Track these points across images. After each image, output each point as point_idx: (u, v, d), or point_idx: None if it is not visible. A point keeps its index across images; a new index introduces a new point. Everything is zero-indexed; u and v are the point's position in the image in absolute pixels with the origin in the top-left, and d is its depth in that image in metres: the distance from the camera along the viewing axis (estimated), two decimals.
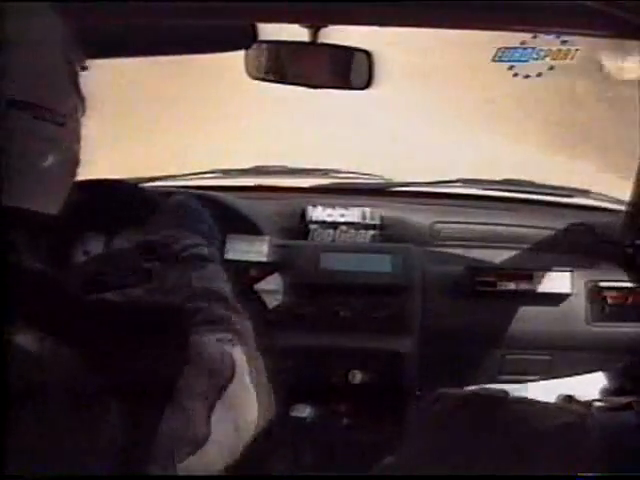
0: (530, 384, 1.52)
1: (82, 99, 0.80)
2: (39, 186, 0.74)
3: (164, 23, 1.35)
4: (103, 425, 0.65)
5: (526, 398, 0.65)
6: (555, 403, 0.66)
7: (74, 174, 0.80)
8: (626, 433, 0.58)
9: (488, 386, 0.74)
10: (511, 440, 0.60)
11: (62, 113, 0.74)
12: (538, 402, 0.65)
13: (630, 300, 1.71)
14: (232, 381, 0.78)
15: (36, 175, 0.73)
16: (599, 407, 0.63)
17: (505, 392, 0.68)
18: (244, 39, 1.40)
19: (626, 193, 1.37)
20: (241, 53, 1.47)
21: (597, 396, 0.66)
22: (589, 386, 0.72)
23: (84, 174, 0.84)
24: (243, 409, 0.80)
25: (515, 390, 0.69)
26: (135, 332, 0.70)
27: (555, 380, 1.23)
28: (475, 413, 0.64)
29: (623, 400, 0.62)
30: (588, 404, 0.64)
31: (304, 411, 1.66)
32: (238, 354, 0.82)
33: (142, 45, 1.49)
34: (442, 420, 0.66)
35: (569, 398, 0.69)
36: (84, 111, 0.80)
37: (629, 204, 1.05)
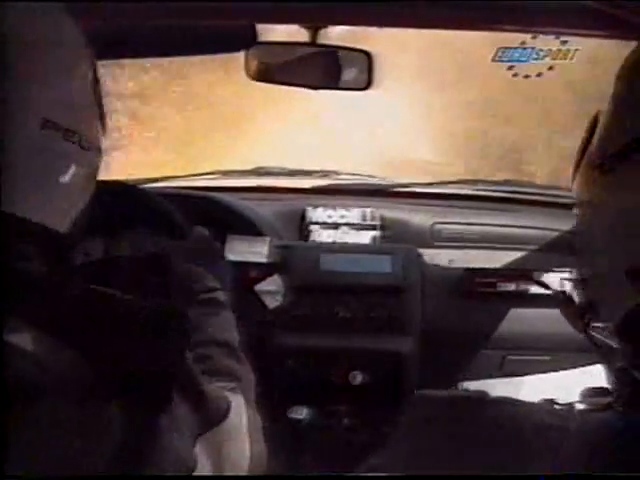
0: (514, 383, 1.52)
1: (104, 121, 0.81)
2: (52, 202, 0.74)
3: (164, 24, 1.35)
4: (103, 425, 0.65)
5: (506, 398, 0.65)
6: (536, 403, 0.66)
7: (87, 196, 0.81)
8: (607, 434, 0.58)
9: (467, 386, 0.74)
10: (490, 442, 0.60)
11: (88, 138, 0.76)
12: (518, 402, 0.64)
13: None
14: (220, 424, 0.78)
15: (52, 191, 0.74)
16: (580, 408, 0.63)
17: (484, 393, 0.68)
18: (244, 40, 1.40)
19: None
20: (241, 54, 1.48)
21: (578, 397, 0.65)
22: (572, 386, 0.72)
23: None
24: (228, 454, 0.81)
25: (502, 390, 0.68)
26: (135, 332, 0.70)
27: (540, 378, 1.22)
28: (454, 415, 0.64)
29: (604, 400, 0.62)
30: (569, 405, 0.64)
31: (303, 412, 1.66)
32: (237, 400, 0.84)
33: (142, 47, 1.49)
34: (421, 423, 0.66)
35: (550, 401, 0.69)
36: (104, 132, 0.82)
37: None
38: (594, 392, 0.64)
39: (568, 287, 0.73)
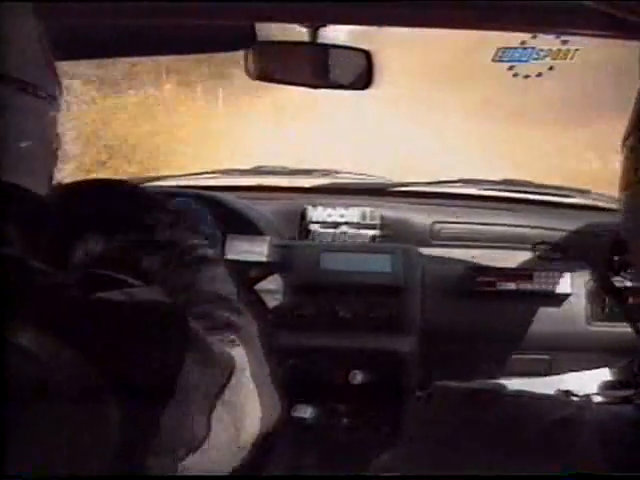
0: (529, 381, 1.51)
1: (59, 84, 0.81)
2: (24, 162, 0.74)
3: (164, 23, 1.35)
4: (103, 425, 0.65)
5: (524, 392, 0.65)
6: (553, 396, 0.66)
7: (56, 156, 0.81)
8: (624, 426, 0.58)
9: (485, 381, 0.74)
10: (508, 435, 0.60)
11: (45, 89, 0.76)
12: (536, 396, 0.64)
13: (630, 300, 1.70)
14: (230, 379, 0.78)
15: (21, 151, 0.74)
16: (597, 401, 0.62)
17: (502, 386, 0.68)
18: (244, 39, 1.40)
19: None
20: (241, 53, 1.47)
21: (595, 391, 0.65)
22: (588, 382, 0.72)
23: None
24: (244, 409, 0.80)
25: (513, 386, 0.68)
26: (135, 331, 0.70)
27: (555, 377, 1.22)
28: (471, 407, 0.64)
29: (622, 394, 0.62)
30: (586, 398, 0.64)
31: (304, 411, 1.66)
32: (239, 353, 0.82)
33: (142, 45, 1.49)
34: (438, 414, 0.66)
35: (567, 393, 0.69)
36: (57, 80, 0.81)
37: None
38: (611, 385, 0.64)
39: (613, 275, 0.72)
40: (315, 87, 1.49)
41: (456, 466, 0.60)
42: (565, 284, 1.73)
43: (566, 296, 1.74)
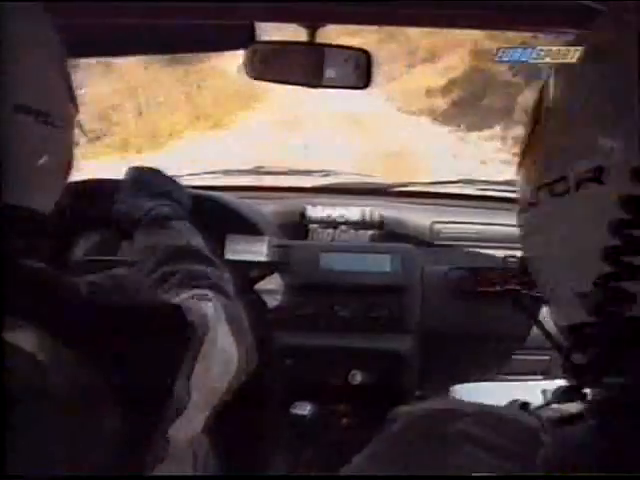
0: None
1: (74, 101, 0.82)
2: (34, 184, 0.75)
3: (164, 22, 1.35)
4: (102, 425, 0.65)
5: (481, 409, 0.64)
6: (509, 414, 0.64)
7: (67, 175, 0.82)
8: (577, 448, 0.57)
9: (446, 399, 0.73)
10: (463, 456, 0.59)
11: (59, 116, 0.76)
12: (491, 414, 0.63)
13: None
14: (205, 339, 0.78)
15: (32, 174, 0.74)
16: (550, 418, 0.60)
17: (460, 404, 0.67)
18: (243, 39, 1.40)
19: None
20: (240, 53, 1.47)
21: (550, 398, 0.63)
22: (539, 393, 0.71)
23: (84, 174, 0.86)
24: (220, 365, 0.81)
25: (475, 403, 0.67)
26: (133, 331, 0.70)
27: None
28: (428, 429, 0.64)
29: (573, 409, 0.60)
30: (540, 414, 0.62)
31: (304, 411, 1.66)
32: (211, 307, 0.83)
33: (142, 44, 1.49)
34: (398, 439, 0.66)
35: (524, 405, 0.67)
36: (77, 112, 0.82)
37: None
38: (566, 393, 0.62)
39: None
40: (314, 87, 1.49)
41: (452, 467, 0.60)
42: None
43: None
